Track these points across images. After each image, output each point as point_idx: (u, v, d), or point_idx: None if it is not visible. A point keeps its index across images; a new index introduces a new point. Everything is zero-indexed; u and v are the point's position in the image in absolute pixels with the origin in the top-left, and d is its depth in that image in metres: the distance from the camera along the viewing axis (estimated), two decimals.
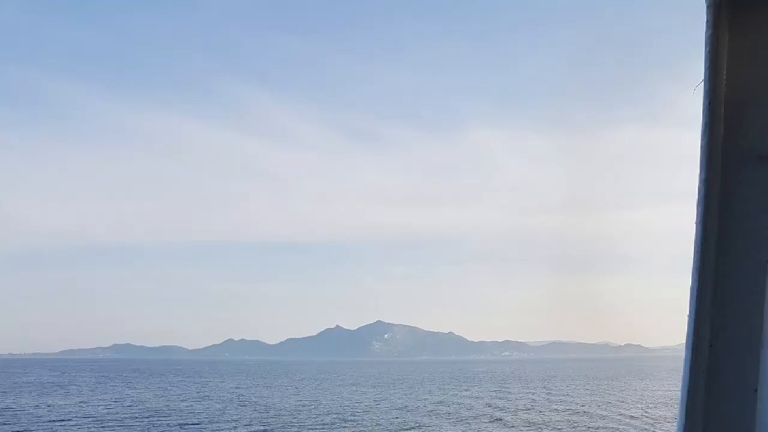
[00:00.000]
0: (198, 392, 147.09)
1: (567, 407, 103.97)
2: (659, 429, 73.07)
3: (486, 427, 77.92)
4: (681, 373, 3.22)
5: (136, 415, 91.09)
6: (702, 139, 3.23)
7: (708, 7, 3.26)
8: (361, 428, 77.00)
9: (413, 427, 77.84)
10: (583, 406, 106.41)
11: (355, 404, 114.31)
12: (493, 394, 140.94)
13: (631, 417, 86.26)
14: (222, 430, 74.50)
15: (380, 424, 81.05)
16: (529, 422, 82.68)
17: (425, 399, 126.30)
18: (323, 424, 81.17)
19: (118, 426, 77.27)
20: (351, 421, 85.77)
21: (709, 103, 3.24)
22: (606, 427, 75.57)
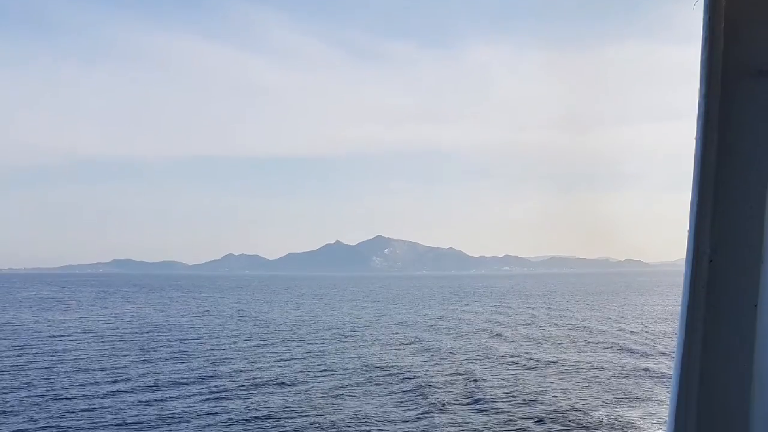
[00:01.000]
0: (198, 307, 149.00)
1: (567, 322, 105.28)
2: (659, 344, 73.92)
3: (486, 342, 78.85)
4: (681, 289, 3.21)
5: (136, 330, 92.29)
6: (702, 55, 3.25)
7: None
8: (361, 343, 77.94)
9: (413, 342, 78.79)
10: (583, 321, 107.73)
11: (355, 319, 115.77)
12: (493, 309, 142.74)
13: (631, 332, 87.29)
14: (222, 345, 75.39)
15: (380, 339, 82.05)
16: (529, 337, 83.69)
17: (425, 314, 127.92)
18: (323, 339, 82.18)
19: (118, 341, 78.21)
20: (351, 336, 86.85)
21: (709, 19, 3.24)
22: (606, 342, 76.47)
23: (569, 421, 38.45)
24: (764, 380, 3.14)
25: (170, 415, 39.47)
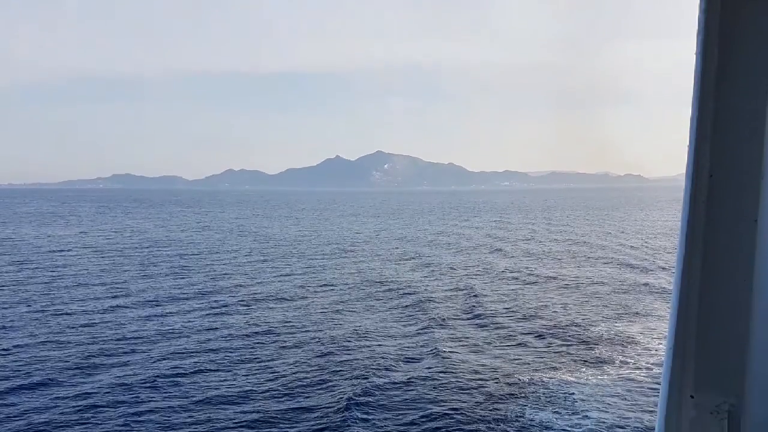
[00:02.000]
0: (198, 222, 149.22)
1: (567, 237, 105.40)
2: (659, 259, 73.98)
3: (486, 257, 78.95)
4: (680, 204, 3.16)
5: (136, 245, 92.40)
6: None
7: None
8: (361, 258, 78.04)
9: (413, 257, 78.90)
10: (582, 236, 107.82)
11: (355, 234, 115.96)
12: (493, 224, 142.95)
13: (631, 247, 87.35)
14: (222, 260, 75.47)
15: (380, 254, 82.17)
16: (529, 252, 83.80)
17: (425, 229, 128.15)
18: (323, 254, 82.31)
19: (118, 256, 78.28)
20: (351, 251, 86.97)
21: None
22: (606, 257, 76.54)
23: (569, 336, 38.50)
24: (764, 295, 3.10)
25: (170, 331, 39.53)
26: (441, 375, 30.80)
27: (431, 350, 35.12)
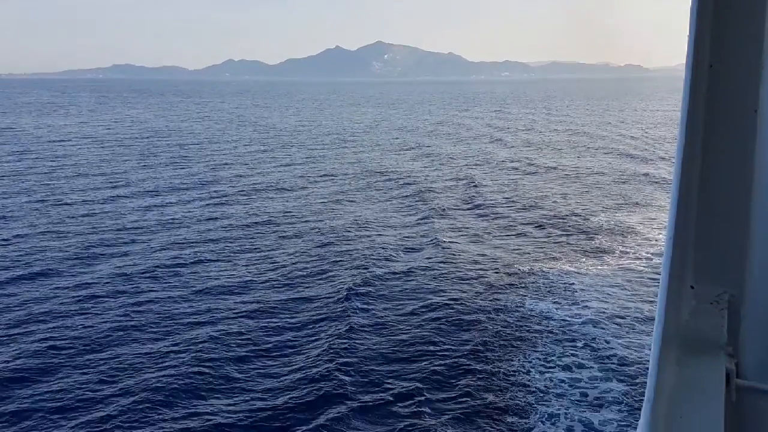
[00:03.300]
0: (198, 112, 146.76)
1: (567, 127, 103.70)
2: (659, 149, 72.73)
3: (486, 147, 77.65)
4: (681, 94, 3.01)
5: (136, 135, 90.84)
6: None
7: None
8: (361, 148, 76.78)
9: (413, 147, 77.63)
10: (582, 126, 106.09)
11: (355, 124, 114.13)
12: (493, 114, 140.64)
13: (632, 137, 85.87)
14: (222, 150, 74.24)
15: (380, 145, 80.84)
16: (529, 142, 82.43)
17: (425, 119, 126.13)
18: (323, 145, 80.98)
19: (118, 146, 76.98)
20: (351, 141, 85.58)
21: None
22: (606, 148, 75.27)
23: (569, 226, 37.84)
24: (763, 184, 3.04)
25: (170, 221, 38.84)
26: (441, 265, 30.27)
27: (431, 240, 34.52)
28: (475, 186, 50.52)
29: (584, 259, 31.42)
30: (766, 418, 2.91)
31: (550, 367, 19.92)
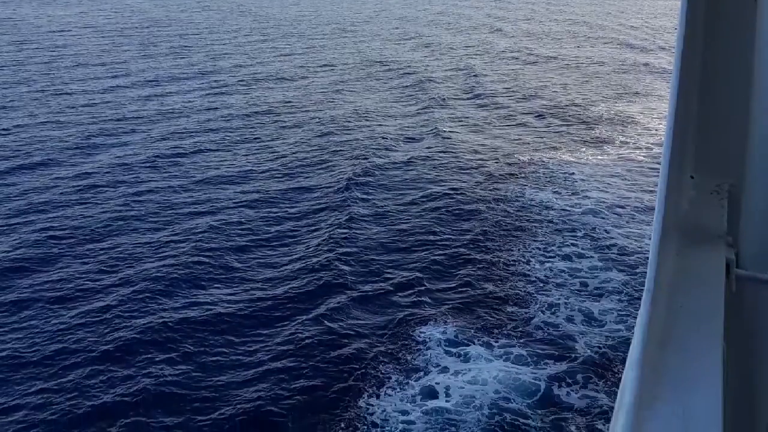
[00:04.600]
0: (198, 2, 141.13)
1: (567, 17, 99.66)
2: (659, 39, 69.93)
3: (486, 37, 74.72)
4: None
5: (136, 25, 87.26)
6: None
7: None
8: (361, 38, 73.89)
9: (413, 38, 74.71)
10: (582, 16, 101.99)
11: (355, 15, 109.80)
12: (494, 4, 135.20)
13: (632, 27, 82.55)
14: (222, 39, 71.40)
15: (380, 35, 77.80)
16: (529, 32, 79.26)
17: (425, 9, 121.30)
18: (323, 35, 77.92)
19: (118, 36, 74.02)
20: (351, 31, 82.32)
21: None
22: (606, 38, 72.41)
23: (569, 116, 36.36)
24: (764, 73, 2.83)
25: (170, 110, 37.28)
26: (441, 155, 29.10)
27: (431, 130, 33.16)
28: (475, 76, 48.52)
29: (584, 149, 30.20)
30: (766, 307, 2.81)
31: (550, 257, 19.17)
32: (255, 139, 31.86)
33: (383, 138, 31.63)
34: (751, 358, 2.85)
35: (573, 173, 26.58)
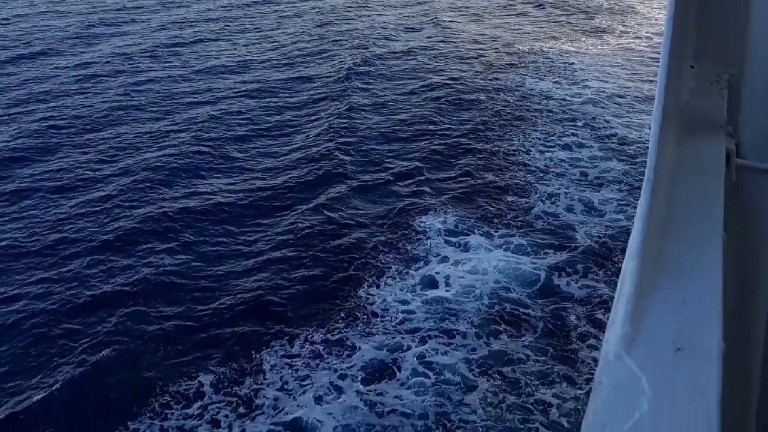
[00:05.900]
0: None
1: None
2: None
3: None
4: None
5: None
6: None
7: None
8: None
9: None
10: None
11: None
12: None
13: None
14: None
15: None
16: None
17: None
18: None
19: None
20: None
21: None
22: None
23: (569, 5, 33.91)
24: None
25: (170, 0, 34.85)
26: (441, 44, 27.19)
27: (431, 20, 30.95)
28: None
29: (584, 39, 28.18)
30: (765, 197, 2.65)
31: (550, 147, 17.92)
32: (255, 28, 29.78)
33: (383, 27, 29.56)
34: (750, 246, 2.70)
35: (573, 63, 24.81)
